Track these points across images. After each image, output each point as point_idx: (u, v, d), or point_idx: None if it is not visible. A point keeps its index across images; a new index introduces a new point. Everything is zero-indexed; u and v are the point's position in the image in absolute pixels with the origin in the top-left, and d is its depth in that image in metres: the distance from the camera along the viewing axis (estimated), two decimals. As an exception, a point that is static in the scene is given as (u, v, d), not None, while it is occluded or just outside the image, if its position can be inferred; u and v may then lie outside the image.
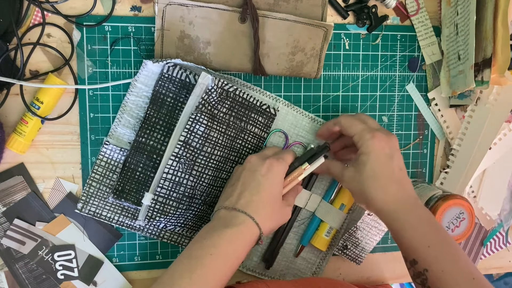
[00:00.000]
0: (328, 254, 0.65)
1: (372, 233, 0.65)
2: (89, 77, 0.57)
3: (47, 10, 0.55)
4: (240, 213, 0.51)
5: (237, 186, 0.53)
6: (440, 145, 0.69)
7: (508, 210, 0.72)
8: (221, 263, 0.48)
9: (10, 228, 0.56)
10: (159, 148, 0.57)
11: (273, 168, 0.53)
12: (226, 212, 0.51)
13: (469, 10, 0.57)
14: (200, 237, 0.50)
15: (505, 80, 0.58)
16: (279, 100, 0.62)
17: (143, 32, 0.58)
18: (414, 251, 0.50)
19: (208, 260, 0.47)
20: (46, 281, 0.58)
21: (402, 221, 0.51)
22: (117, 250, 0.60)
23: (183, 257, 0.48)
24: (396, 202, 0.52)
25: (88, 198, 0.58)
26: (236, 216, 0.50)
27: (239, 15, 0.57)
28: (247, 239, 0.50)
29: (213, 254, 0.47)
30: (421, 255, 0.50)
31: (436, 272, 0.48)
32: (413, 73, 0.67)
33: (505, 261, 0.75)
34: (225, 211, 0.52)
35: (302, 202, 0.63)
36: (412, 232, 0.51)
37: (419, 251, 0.50)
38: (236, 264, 0.49)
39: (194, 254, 0.48)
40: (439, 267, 0.48)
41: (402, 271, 0.71)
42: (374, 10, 0.63)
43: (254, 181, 0.52)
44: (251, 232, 0.50)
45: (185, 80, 0.57)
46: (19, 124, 0.55)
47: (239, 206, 0.51)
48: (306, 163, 0.57)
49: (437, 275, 0.48)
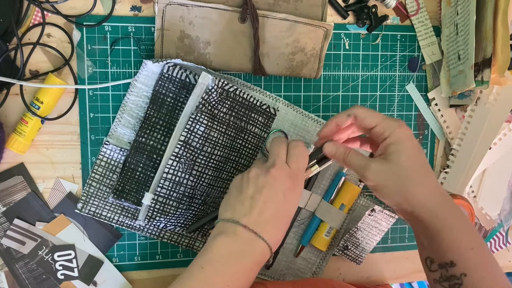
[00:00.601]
0: (328, 254, 0.65)
1: (372, 233, 0.65)
2: (89, 77, 0.57)
3: (47, 10, 0.55)
4: (260, 239, 0.47)
5: (257, 201, 0.48)
6: (440, 145, 0.69)
7: (508, 210, 0.72)
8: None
9: (10, 228, 0.56)
10: (159, 148, 0.57)
11: (296, 189, 0.50)
12: (244, 233, 0.47)
13: (469, 10, 0.57)
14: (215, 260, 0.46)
15: (505, 80, 0.58)
16: (279, 100, 0.62)
17: (143, 32, 0.58)
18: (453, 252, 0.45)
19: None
20: (46, 281, 0.58)
21: (443, 219, 0.46)
22: (117, 250, 0.60)
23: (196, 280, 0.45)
24: (438, 197, 0.47)
25: (88, 198, 0.58)
26: (255, 243, 0.47)
27: (239, 15, 0.57)
28: (261, 266, 0.49)
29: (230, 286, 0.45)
30: (462, 257, 0.45)
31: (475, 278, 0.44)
32: (413, 73, 0.67)
33: (505, 261, 0.75)
34: (244, 230, 0.47)
35: (302, 202, 0.63)
36: (455, 231, 0.45)
37: (460, 253, 0.45)
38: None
39: (210, 282, 0.45)
40: (479, 273, 0.44)
41: (402, 271, 0.71)
42: (374, 10, 0.63)
43: (277, 202, 0.48)
44: (265, 259, 0.49)
45: (185, 80, 0.57)
46: (19, 124, 0.55)
47: (260, 231, 0.47)
48: (316, 165, 0.55)
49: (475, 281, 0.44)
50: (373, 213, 0.63)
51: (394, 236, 0.69)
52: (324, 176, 0.64)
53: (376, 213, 0.63)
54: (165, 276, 0.62)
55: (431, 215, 0.46)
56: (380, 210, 0.63)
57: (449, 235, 0.45)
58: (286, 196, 0.49)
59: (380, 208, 0.63)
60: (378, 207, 0.62)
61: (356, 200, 0.64)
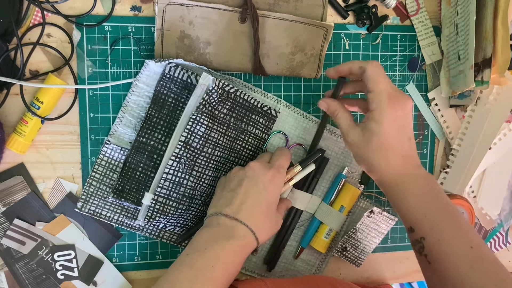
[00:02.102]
0: (327, 256, 0.65)
1: (371, 235, 0.64)
2: (89, 77, 0.57)
3: (47, 10, 0.55)
4: (242, 225, 0.50)
5: (238, 193, 0.52)
6: (440, 145, 0.69)
7: (508, 210, 0.72)
8: (222, 275, 0.48)
9: (10, 228, 0.56)
10: (159, 148, 0.57)
11: (275, 180, 0.53)
12: (227, 221, 0.51)
13: (469, 10, 0.57)
14: (200, 246, 0.49)
15: (505, 80, 0.58)
16: (280, 101, 0.62)
17: (143, 32, 0.58)
18: (410, 219, 0.51)
19: (210, 272, 0.47)
20: (46, 281, 0.58)
21: (401, 191, 0.51)
22: (117, 250, 0.60)
23: (183, 265, 0.48)
24: (398, 174, 0.52)
25: (88, 197, 0.58)
26: (237, 227, 0.50)
27: (239, 15, 0.57)
28: (246, 251, 0.51)
29: (214, 266, 0.47)
30: (418, 224, 0.50)
31: (432, 240, 0.48)
32: (413, 73, 0.67)
33: (505, 261, 0.75)
34: (226, 219, 0.51)
35: (302, 204, 0.63)
36: (409, 201, 0.51)
37: (416, 220, 0.50)
38: (234, 274, 0.50)
39: (196, 265, 0.47)
40: (436, 236, 0.48)
41: (402, 271, 0.71)
42: (374, 10, 0.63)
43: (257, 192, 0.52)
44: (250, 245, 0.51)
45: (187, 81, 0.57)
46: (19, 124, 0.55)
47: (240, 217, 0.51)
48: (299, 166, 0.58)
49: (433, 243, 0.48)
50: (372, 215, 0.63)
51: (394, 236, 0.69)
52: (324, 178, 0.64)
53: (375, 214, 0.63)
54: (165, 276, 0.62)
55: (390, 188, 0.52)
56: (379, 212, 0.63)
57: (405, 204, 0.51)
58: (266, 187, 0.52)
59: (379, 210, 0.62)
60: (377, 208, 0.62)
61: (356, 202, 0.64)
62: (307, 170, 0.59)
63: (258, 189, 0.52)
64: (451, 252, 0.47)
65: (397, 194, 0.52)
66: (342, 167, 0.64)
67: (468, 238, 0.48)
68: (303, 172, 0.58)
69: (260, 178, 0.52)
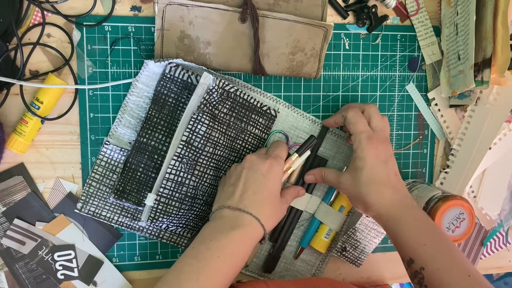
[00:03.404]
0: (327, 256, 0.65)
1: (371, 235, 0.65)
2: (89, 77, 0.57)
3: (47, 10, 0.55)
4: (245, 213, 0.51)
5: (238, 185, 0.53)
6: (440, 145, 0.69)
7: (508, 210, 0.72)
8: (228, 265, 0.48)
9: (10, 228, 0.56)
10: (160, 149, 0.57)
11: (273, 167, 0.54)
12: (230, 212, 0.51)
13: (469, 10, 0.57)
14: (205, 238, 0.50)
15: (505, 80, 0.58)
16: (280, 101, 0.62)
17: (143, 32, 0.58)
18: (410, 250, 0.51)
19: (215, 262, 0.47)
20: (46, 281, 0.58)
21: (398, 222, 0.52)
22: (117, 250, 0.60)
23: (189, 258, 0.48)
24: (392, 205, 0.53)
25: (87, 198, 0.58)
26: (241, 217, 0.51)
27: (239, 15, 0.57)
28: (253, 240, 0.51)
29: (220, 257, 0.47)
30: (417, 253, 0.50)
31: (432, 270, 0.49)
32: (413, 73, 0.67)
33: (505, 261, 0.75)
34: (229, 210, 0.51)
35: (302, 204, 0.63)
36: (408, 231, 0.52)
37: (415, 250, 0.50)
38: (241, 265, 0.50)
39: (201, 256, 0.48)
40: (435, 265, 0.48)
41: (402, 271, 0.70)
42: (374, 10, 0.63)
43: (256, 181, 0.53)
44: (256, 232, 0.51)
45: (187, 81, 0.57)
46: (19, 124, 0.55)
47: (243, 206, 0.51)
48: (295, 153, 0.59)
49: (433, 273, 0.48)
50: (372, 214, 0.63)
51: (394, 236, 0.69)
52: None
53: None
54: (165, 276, 0.62)
55: (387, 220, 0.53)
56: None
57: (404, 235, 0.52)
58: (264, 175, 0.53)
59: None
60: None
61: (356, 201, 0.64)
62: (303, 157, 0.59)
63: (257, 178, 0.53)
64: (450, 281, 0.47)
65: (395, 226, 0.53)
66: (342, 167, 0.64)
67: (465, 266, 0.49)
68: (300, 159, 0.59)
69: (258, 167, 0.53)
